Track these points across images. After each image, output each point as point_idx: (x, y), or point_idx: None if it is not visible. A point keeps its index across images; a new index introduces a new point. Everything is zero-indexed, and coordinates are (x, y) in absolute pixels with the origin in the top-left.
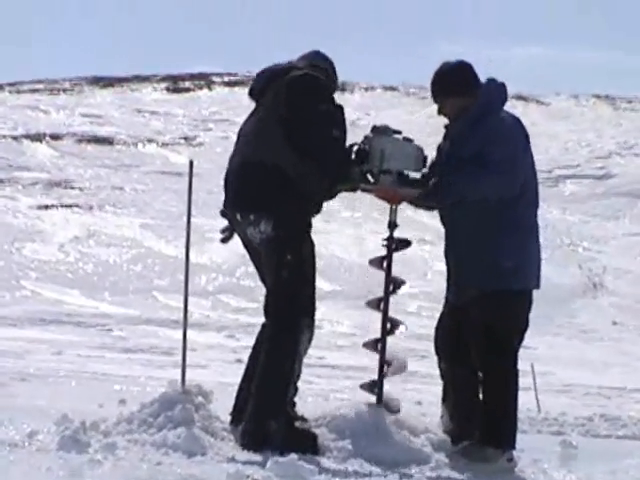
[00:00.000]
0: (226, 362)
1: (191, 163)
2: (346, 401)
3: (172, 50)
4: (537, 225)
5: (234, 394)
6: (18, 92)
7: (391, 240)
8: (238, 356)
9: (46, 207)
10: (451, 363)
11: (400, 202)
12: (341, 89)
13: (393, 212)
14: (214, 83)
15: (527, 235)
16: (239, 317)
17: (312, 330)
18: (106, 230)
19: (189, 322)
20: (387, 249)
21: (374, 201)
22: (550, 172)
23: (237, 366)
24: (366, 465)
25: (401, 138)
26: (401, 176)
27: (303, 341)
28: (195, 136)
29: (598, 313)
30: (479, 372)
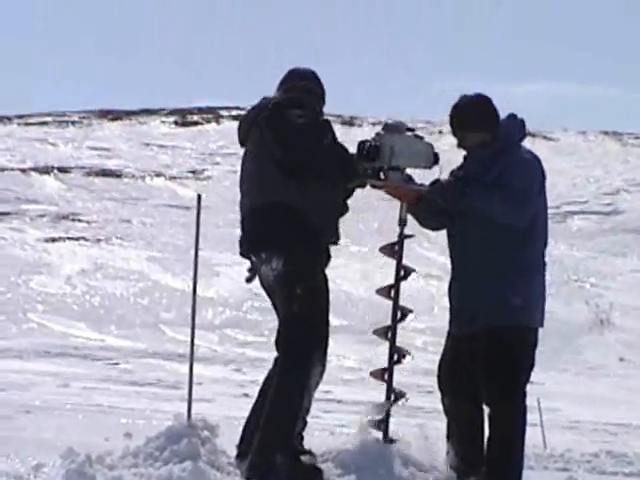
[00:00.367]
0: (232, 396)
1: (199, 197)
2: (352, 436)
3: (180, 84)
4: (545, 264)
5: (240, 428)
6: (26, 124)
7: (401, 237)
8: (244, 390)
9: (53, 240)
10: (454, 398)
11: (412, 199)
12: (349, 123)
13: (402, 209)
14: (222, 117)
15: (535, 273)
16: (245, 351)
17: (324, 364)
18: (113, 263)
19: (195, 356)
20: (399, 247)
21: (382, 235)
22: (558, 208)
23: (243, 400)
24: None
25: (411, 135)
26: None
27: (314, 375)
28: (203, 170)
29: (605, 349)
30: (484, 406)
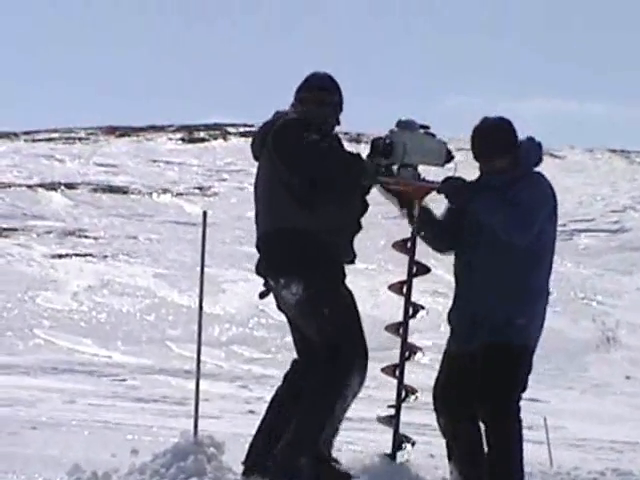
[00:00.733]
0: (239, 413)
1: (205, 214)
2: (359, 453)
3: (187, 100)
4: (549, 291)
5: (246, 445)
6: (33, 141)
7: (414, 234)
8: (251, 407)
9: (60, 256)
10: (450, 418)
11: (423, 197)
12: (356, 140)
13: (414, 206)
14: (229, 134)
15: (539, 297)
16: (252, 368)
17: (363, 376)
18: (120, 279)
19: (202, 372)
20: (411, 244)
21: (388, 252)
22: (565, 225)
23: (250, 417)
24: None
25: (424, 132)
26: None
27: (353, 385)
28: (210, 186)
29: (611, 367)
30: (481, 423)
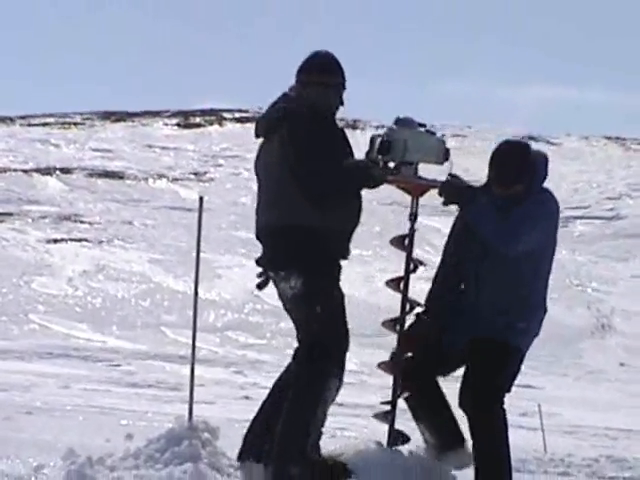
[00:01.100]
0: (233, 398)
1: (201, 199)
2: (353, 439)
3: (183, 86)
4: (546, 308)
5: (241, 430)
6: (29, 125)
7: (412, 231)
8: (245, 392)
9: (55, 241)
10: (420, 401)
11: (421, 194)
12: (352, 126)
13: (414, 204)
14: (225, 119)
15: (537, 309)
16: (247, 353)
17: (341, 378)
18: (115, 265)
19: (197, 358)
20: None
21: (383, 239)
22: (560, 212)
23: (244, 402)
24: None
25: (424, 130)
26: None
27: (331, 388)
28: (205, 172)
29: (606, 354)
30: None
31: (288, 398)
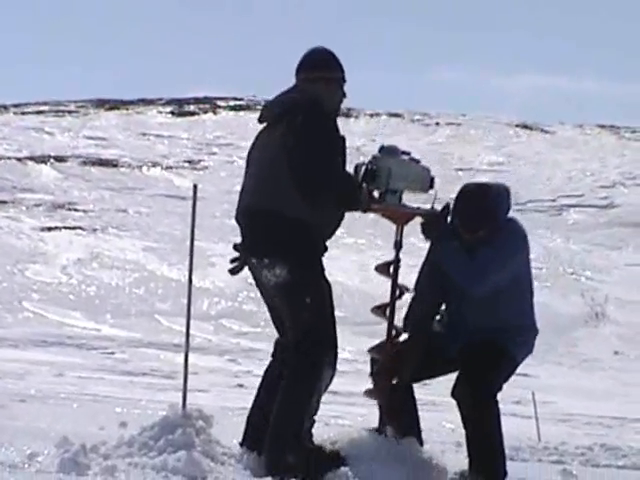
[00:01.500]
0: (227, 386)
1: (195, 187)
2: (347, 427)
3: (177, 74)
4: (537, 330)
5: (235, 418)
6: (23, 113)
7: (397, 259)
8: (239, 380)
9: (49, 229)
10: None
11: (406, 222)
12: (346, 115)
13: (399, 232)
14: (219, 107)
15: (533, 328)
16: (241, 341)
17: (334, 367)
18: (109, 253)
19: (191, 346)
20: (394, 269)
21: (377, 227)
22: (554, 201)
23: (238, 390)
24: None
25: (408, 159)
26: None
27: (325, 377)
28: (199, 160)
29: (600, 342)
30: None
31: (282, 387)
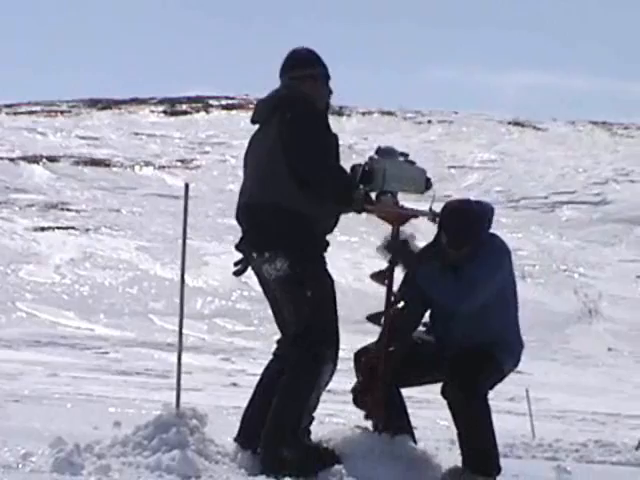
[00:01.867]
0: (221, 385)
1: (187, 186)
2: (341, 425)
3: (170, 73)
4: (522, 344)
5: (229, 417)
6: (15, 114)
7: (392, 264)
8: (233, 379)
9: (42, 229)
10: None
11: (402, 223)
12: (338, 113)
13: (394, 233)
14: (211, 106)
15: (519, 342)
16: (234, 340)
17: (335, 362)
18: (102, 252)
19: (184, 345)
20: (389, 272)
21: (371, 225)
22: (546, 198)
23: (232, 389)
24: None
25: (404, 160)
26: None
27: (325, 372)
28: (192, 159)
29: (593, 339)
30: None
31: (282, 382)
